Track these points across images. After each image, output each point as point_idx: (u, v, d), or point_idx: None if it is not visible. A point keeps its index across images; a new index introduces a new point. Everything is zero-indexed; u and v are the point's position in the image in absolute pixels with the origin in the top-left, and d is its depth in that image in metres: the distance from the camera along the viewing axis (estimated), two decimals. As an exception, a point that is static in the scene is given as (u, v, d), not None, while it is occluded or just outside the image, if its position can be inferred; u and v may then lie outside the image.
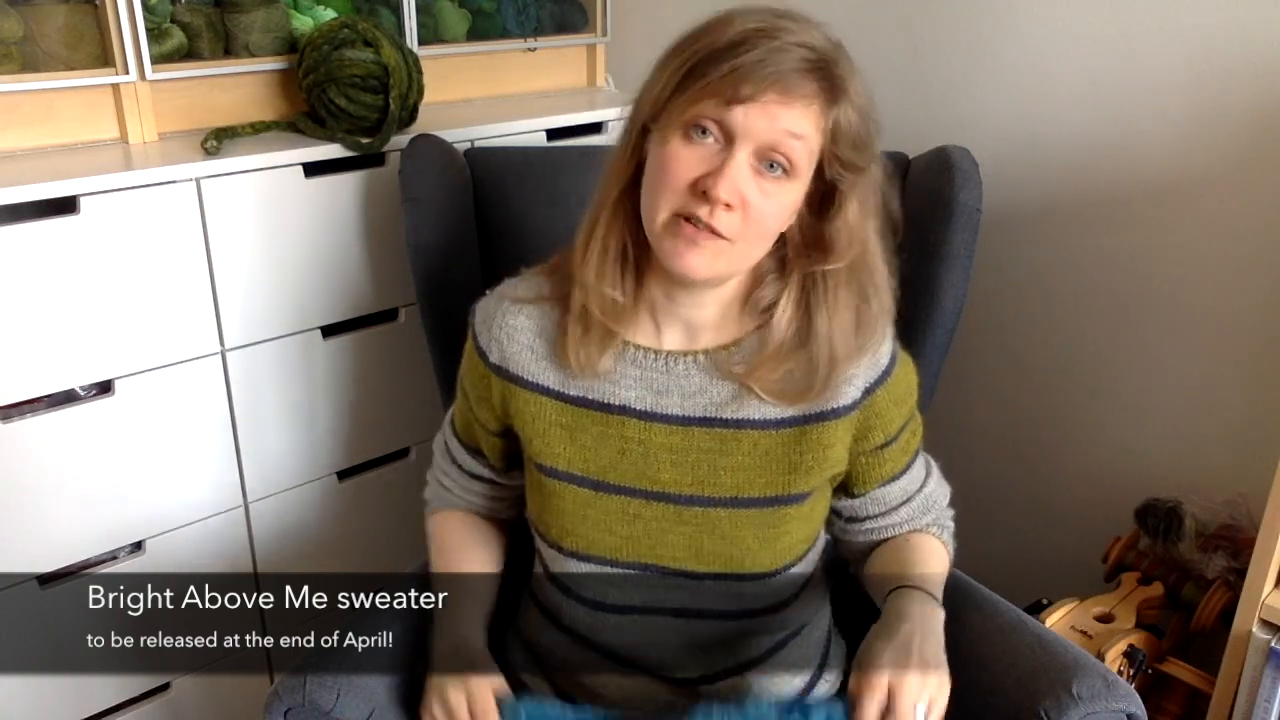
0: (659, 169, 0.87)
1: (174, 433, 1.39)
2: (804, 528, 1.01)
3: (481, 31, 1.76)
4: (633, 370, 0.97)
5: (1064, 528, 1.65)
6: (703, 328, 0.97)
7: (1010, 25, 1.51)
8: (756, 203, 0.85)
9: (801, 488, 0.98)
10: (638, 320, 0.97)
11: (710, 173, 0.84)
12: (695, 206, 0.85)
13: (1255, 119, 1.33)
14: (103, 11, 1.35)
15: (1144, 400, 1.52)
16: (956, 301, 1.27)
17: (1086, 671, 0.96)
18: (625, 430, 0.97)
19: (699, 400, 0.96)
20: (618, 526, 0.98)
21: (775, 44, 0.83)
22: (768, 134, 0.84)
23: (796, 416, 0.96)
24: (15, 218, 1.20)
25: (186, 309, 1.35)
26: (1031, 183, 1.54)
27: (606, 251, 0.93)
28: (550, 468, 0.98)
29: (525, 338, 0.99)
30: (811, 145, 0.87)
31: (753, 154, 0.85)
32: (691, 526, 0.97)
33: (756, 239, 0.89)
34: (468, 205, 1.37)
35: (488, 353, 1.00)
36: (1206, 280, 1.42)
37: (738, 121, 0.84)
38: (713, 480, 0.96)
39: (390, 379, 1.58)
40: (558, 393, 0.98)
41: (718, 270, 0.89)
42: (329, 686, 0.96)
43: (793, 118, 0.84)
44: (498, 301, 1.01)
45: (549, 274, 1.01)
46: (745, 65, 0.83)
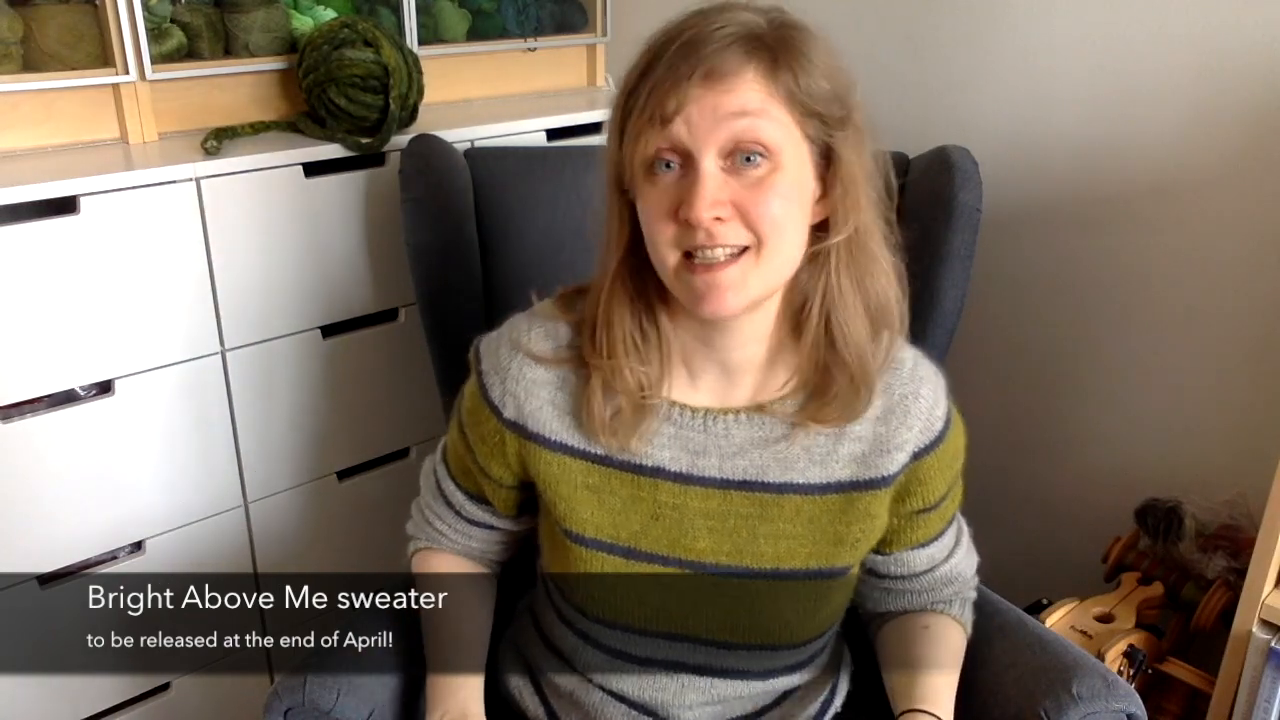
0: (645, 221, 0.81)
1: (174, 433, 1.39)
2: (845, 596, 0.96)
3: (481, 31, 1.76)
4: (667, 428, 0.89)
5: (1064, 528, 1.65)
6: (745, 372, 0.89)
7: (1010, 25, 1.51)
8: (750, 201, 0.78)
9: (847, 560, 0.92)
10: (669, 375, 0.88)
11: (684, 198, 0.78)
12: (692, 238, 0.78)
13: (1255, 119, 1.33)
14: (103, 11, 1.35)
15: (1144, 400, 1.52)
16: (956, 301, 1.27)
17: (1086, 671, 0.96)
18: (659, 494, 0.89)
19: (739, 462, 0.89)
20: (649, 597, 0.91)
21: (684, 39, 0.77)
22: (717, 129, 0.76)
23: (844, 482, 0.89)
24: (15, 218, 1.20)
25: (186, 309, 1.35)
26: (1031, 183, 1.54)
27: (613, 326, 0.86)
28: (577, 534, 0.90)
29: (546, 392, 0.89)
30: (775, 118, 0.78)
31: (719, 157, 0.77)
32: (729, 599, 0.90)
33: (776, 239, 0.79)
34: (468, 205, 1.37)
35: (501, 408, 0.91)
36: (1207, 280, 1.42)
37: (681, 136, 0.77)
38: (753, 549, 0.89)
39: (390, 379, 1.58)
40: (583, 452, 0.89)
41: (750, 295, 0.81)
42: (329, 686, 0.96)
43: (733, 104, 0.76)
44: (510, 351, 0.91)
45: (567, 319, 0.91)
46: (658, 80, 0.77)
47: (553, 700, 1.00)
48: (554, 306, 0.92)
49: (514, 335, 0.92)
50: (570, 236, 1.37)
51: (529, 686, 1.01)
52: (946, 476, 0.94)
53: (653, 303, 0.87)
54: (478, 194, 1.39)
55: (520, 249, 1.38)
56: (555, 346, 0.90)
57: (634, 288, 0.86)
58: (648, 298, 0.87)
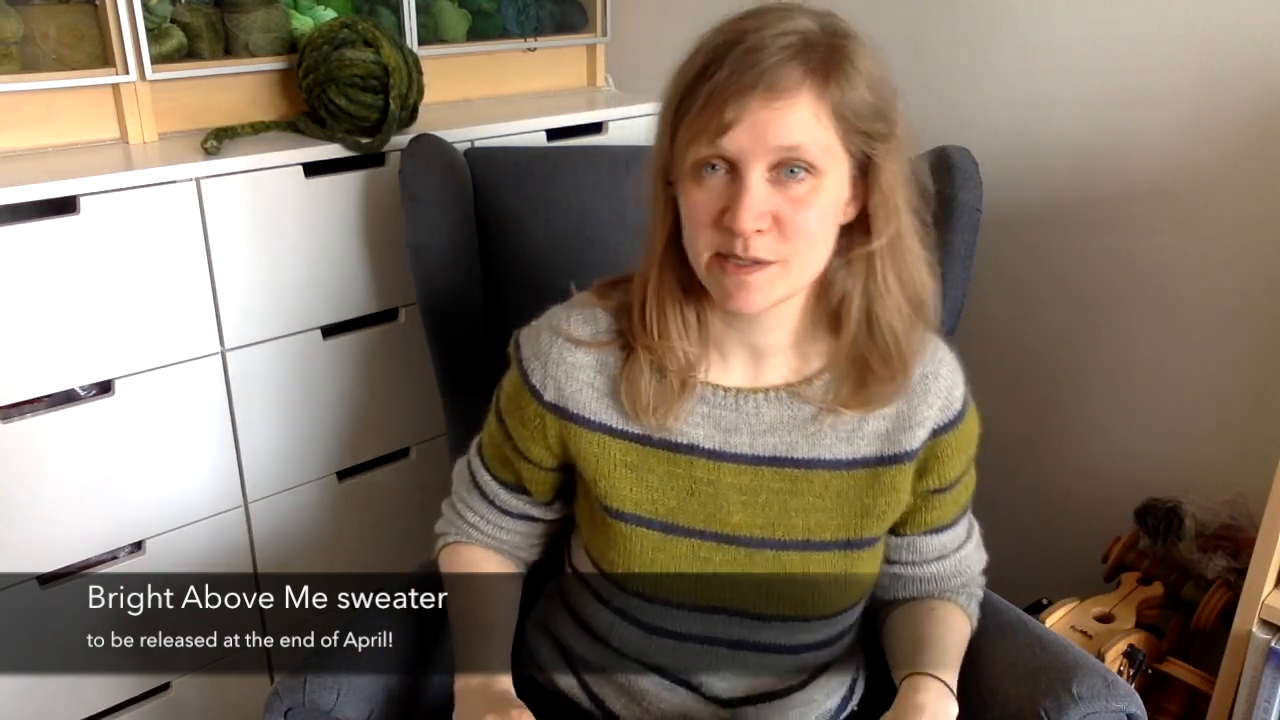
0: (686, 218, 0.85)
1: (174, 433, 1.39)
2: (873, 566, 0.98)
3: (481, 31, 1.76)
4: (701, 407, 0.93)
5: (1064, 528, 1.65)
6: (773, 354, 0.93)
7: (1010, 25, 1.51)
8: (790, 216, 0.81)
9: (874, 531, 0.95)
10: (706, 357, 0.93)
11: (728, 205, 0.81)
12: (729, 243, 0.82)
13: (1255, 119, 1.33)
14: (103, 11, 1.35)
15: (1144, 400, 1.52)
16: (956, 301, 1.27)
17: (1086, 671, 0.96)
18: (694, 470, 0.93)
19: (769, 439, 0.93)
20: (687, 570, 0.94)
21: (746, 45, 0.79)
22: (767, 148, 0.80)
23: (870, 458, 0.93)
24: (15, 218, 1.20)
25: (186, 309, 1.35)
26: (1031, 183, 1.54)
27: (664, 308, 0.90)
28: (617, 510, 0.94)
29: (585, 375, 0.93)
30: (822, 139, 0.81)
31: (766, 169, 0.81)
32: (763, 570, 0.94)
33: (806, 252, 0.84)
34: (468, 205, 1.37)
35: (542, 391, 0.94)
36: (1207, 280, 1.42)
37: (733, 148, 0.80)
38: (784, 522, 0.93)
39: (390, 379, 1.58)
40: (622, 431, 0.93)
41: (776, 297, 0.85)
42: (329, 686, 0.96)
43: (788, 123, 0.79)
44: (551, 336, 0.94)
45: (605, 305, 0.95)
46: (719, 85, 0.79)
47: (585, 674, 1.02)
48: (591, 295, 0.97)
49: (554, 322, 0.95)
50: (570, 236, 1.37)
51: (560, 660, 1.03)
52: (962, 459, 0.97)
53: (695, 289, 0.90)
54: (478, 194, 1.39)
55: (520, 249, 1.38)
56: (594, 331, 0.94)
57: (681, 273, 0.90)
58: (693, 284, 0.90)
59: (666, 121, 0.85)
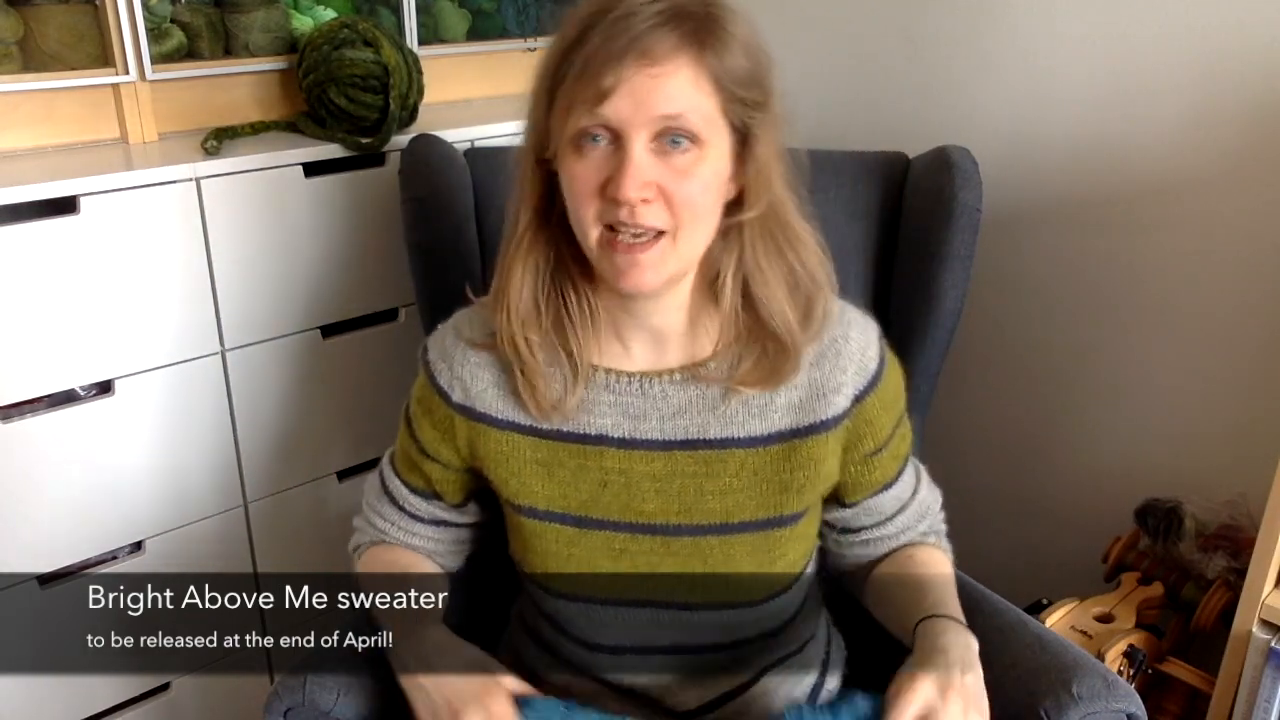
0: (569, 193, 0.83)
1: (174, 433, 1.39)
2: (800, 546, 0.97)
3: (481, 31, 1.76)
4: (606, 396, 0.91)
5: (1064, 528, 1.65)
6: (671, 335, 0.91)
7: (1010, 25, 1.51)
8: (674, 186, 0.80)
9: (795, 507, 0.94)
10: (601, 341, 0.91)
11: (612, 175, 0.79)
12: (615, 213, 0.80)
13: (1255, 119, 1.33)
14: (103, 11, 1.35)
15: (1144, 400, 1.52)
16: (956, 301, 1.27)
17: (1086, 671, 0.96)
18: (605, 461, 0.92)
19: (679, 422, 0.91)
20: (604, 563, 0.94)
21: (617, 12, 0.78)
22: (649, 116, 0.78)
23: (784, 431, 0.91)
24: (15, 218, 1.20)
25: (186, 309, 1.35)
26: (1031, 183, 1.54)
27: (521, 287, 0.88)
28: (529, 507, 0.94)
29: (489, 374, 0.93)
30: (704, 107, 0.80)
31: (649, 138, 0.79)
32: (681, 557, 0.93)
33: (692, 224, 0.82)
34: (468, 205, 1.37)
35: (449, 392, 0.94)
36: (1207, 280, 1.42)
37: (614, 116, 0.78)
38: (700, 506, 0.92)
39: (390, 379, 1.58)
40: (529, 428, 0.92)
41: (668, 273, 0.84)
42: (329, 686, 0.96)
43: (668, 91, 0.78)
44: (454, 339, 0.95)
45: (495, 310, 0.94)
46: (593, 52, 0.78)
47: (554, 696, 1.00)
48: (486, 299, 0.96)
49: (457, 324, 0.96)
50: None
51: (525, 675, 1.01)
52: (892, 414, 0.96)
53: (571, 271, 0.89)
54: (478, 194, 1.39)
55: (520, 249, 1.38)
56: (486, 336, 0.93)
57: (544, 255, 0.88)
58: (565, 266, 0.89)
59: (541, 94, 0.84)
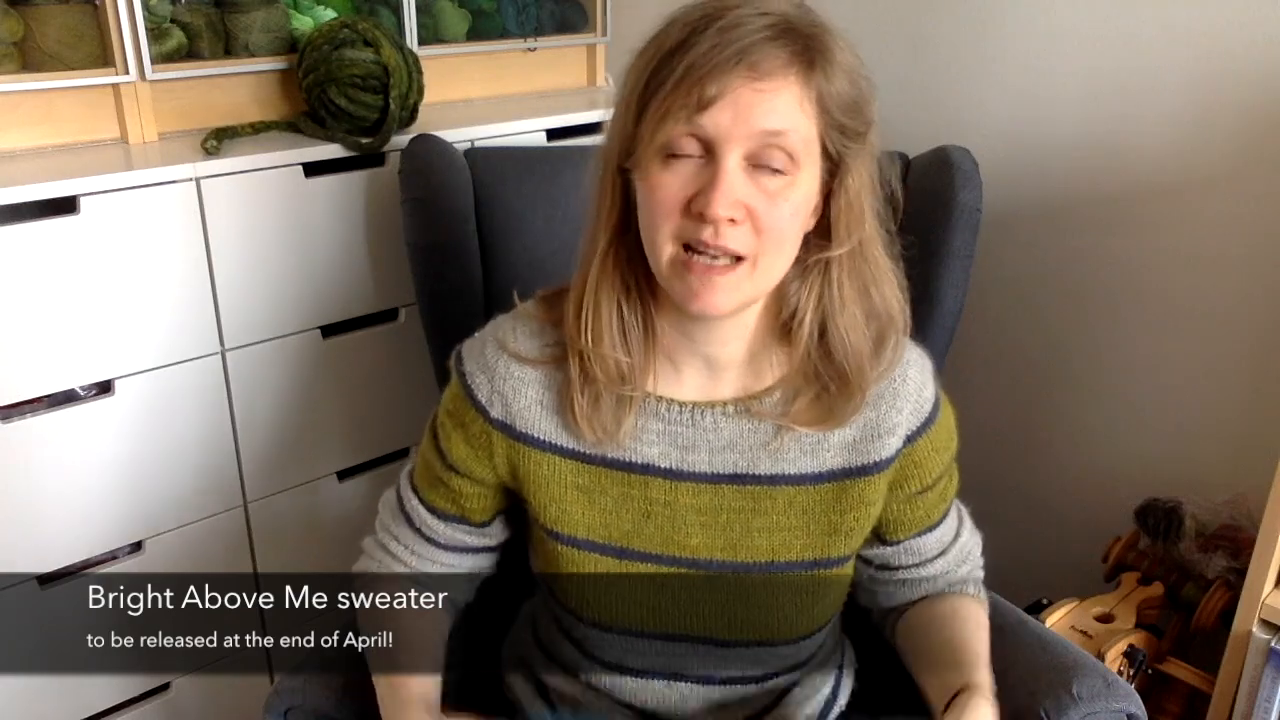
0: (647, 206, 0.78)
1: (174, 433, 1.39)
2: (842, 587, 0.95)
3: (481, 31, 1.76)
4: (655, 424, 0.87)
5: (1064, 528, 1.65)
6: (728, 367, 0.87)
7: (1010, 25, 1.51)
8: (763, 210, 0.76)
9: (843, 550, 0.90)
10: (654, 367, 0.86)
11: (701, 190, 0.75)
12: (697, 232, 0.76)
13: (1255, 119, 1.33)
14: (103, 11, 1.35)
15: (1144, 400, 1.52)
16: (956, 301, 1.27)
17: (1086, 671, 0.96)
18: (650, 491, 0.88)
19: (729, 455, 0.87)
20: (644, 597, 0.89)
21: (725, 21, 0.74)
22: (750, 131, 0.74)
23: (836, 470, 0.88)
24: (15, 218, 1.20)
25: (186, 309, 1.35)
26: (1031, 183, 1.54)
27: (600, 310, 0.83)
28: (569, 535, 0.89)
29: (533, 391, 0.88)
30: (804, 129, 0.76)
31: (743, 156, 0.75)
32: (724, 595, 0.89)
33: (775, 251, 0.78)
34: (468, 205, 1.37)
35: (489, 407, 0.88)
36: (1206, 279, 1.42)
37: (713, 127, 0.74)
38: (746, 544, 0.88)
39: (390, 379, 1.58)
40: (573, 451, 0.88)
41: (741, 300, 0.80)
42: (329, 686, 0.96)
43: (773, 108, 0.74)
44: (496, 351, 0.89)
45: (550, 318, 0.89)
46: (700, 57, 0.73)
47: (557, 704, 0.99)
48: (536, 306, 0.91)
49: (499, 335, 0.90)
50: (570, 236, 1.36)
51: (532, 690, 1.01)
52: (943, 458, 0.93)
53: (642, 292, 0.85)
54: (478, 194, 1.39)
55: (520, 249, 1.38)
56: (541, 345, 0.88)
57: (624, 273, 0.84)
58: (638, 285, 0.84)
59: (632, 99, 0.78)
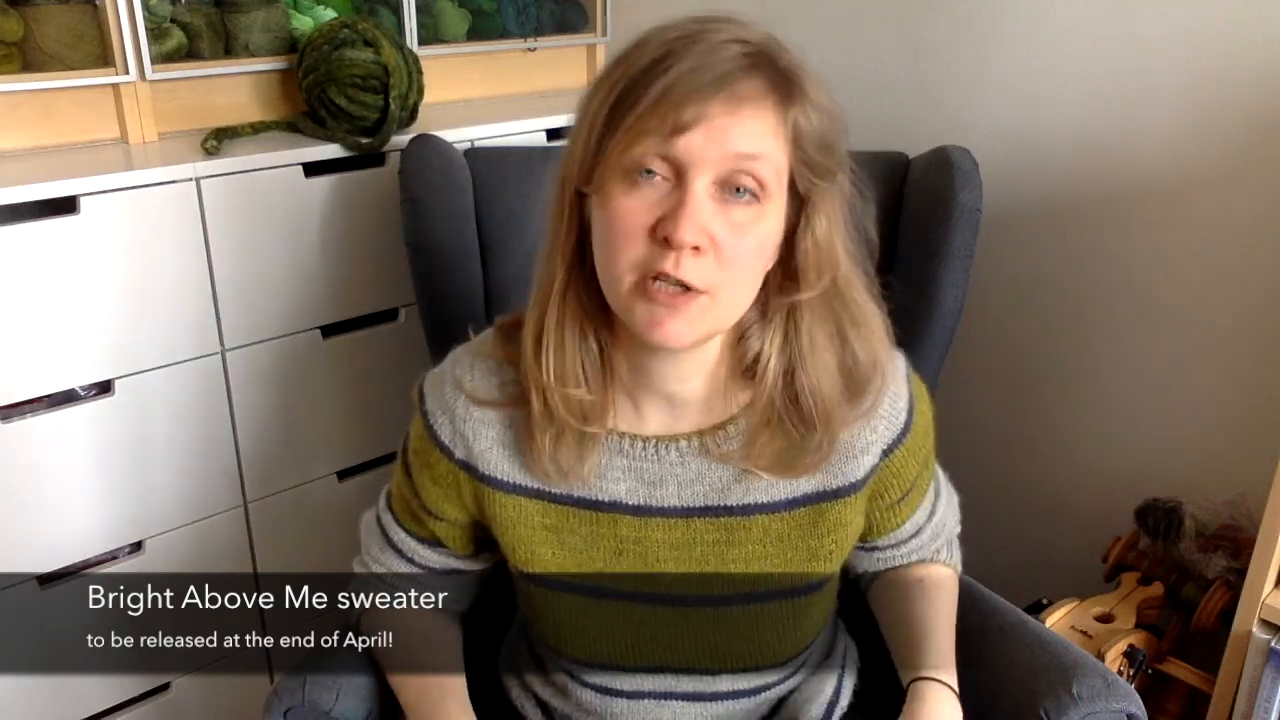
0: (607, 230, 0.73)
1: (174, 433, 1.39)
2: (824, 606, 0.94)
3: (481, 31, 1.76)
4: (619, 460, 0.85)
5: (1064, 528, 1.65)
6: (688, 403, 0.84)
7: (1010, 25, 1.51)
8: (728, 241, 0.72)
9: (823, 572, 0.88)
10: (613, 404, 0.83)
11: (666, 215, 0.71)
12: (659, 260, 0.71)
13: (1255, 119, 1.33)
14: (103, 11, 1.35)
15: (1144, 400, 1.52)
16: (956, 301, 1.27)
17: (1086, 671, 0.96)
18: (619, 529, 0.86)
19: (698, 488, 0.85)
20: (620, 634, 0.88)
21: (703, 46, 0.71)
22: (722, 154, 0.71)
23: (810, 494, 0.85)
24: (15, 218, 1.20)
25: (186, 309, 1.35)
26: (1031, 183, 1.54)
27: (563, 347, 0.79)
28: (540, 575, 0.87)
29: (494, 432, 0.85)
30: (776, 159, 0.74)
31: (712, 182, 0.72)
32: (703, 628, 0.88)
33: (738, 285, 0.75)
34: (468, 205, 1.37)
35: (452, 449, 0.87)
36: (1206, 280, 1.42)
37: (685, 152, 0.70)
38: (722, 576, 0.86)
39: (390, 379, 1.58)
40: (538, 491, 0.86)
41: (703, 332, 0.76)
42: (329, 686, 0.96)
43: (747, 132, 0.71)
44: (454, 391, 0.86)
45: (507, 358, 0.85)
46: (677, 81, 0.70)
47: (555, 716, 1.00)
48: (495, 341, 0.87)
49: (457, 374, 0.87)
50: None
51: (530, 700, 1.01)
52: (918, 459, 0.90)
53: (598, 326, 0.81)
54: (478, 194, 1.39)
55: (520, 249, 1.38)
56: (499, 384, 0.86)
57: (584, 305, 0.80)
58: (594, 319, 0.80)
59: (598, 120, 0.73)
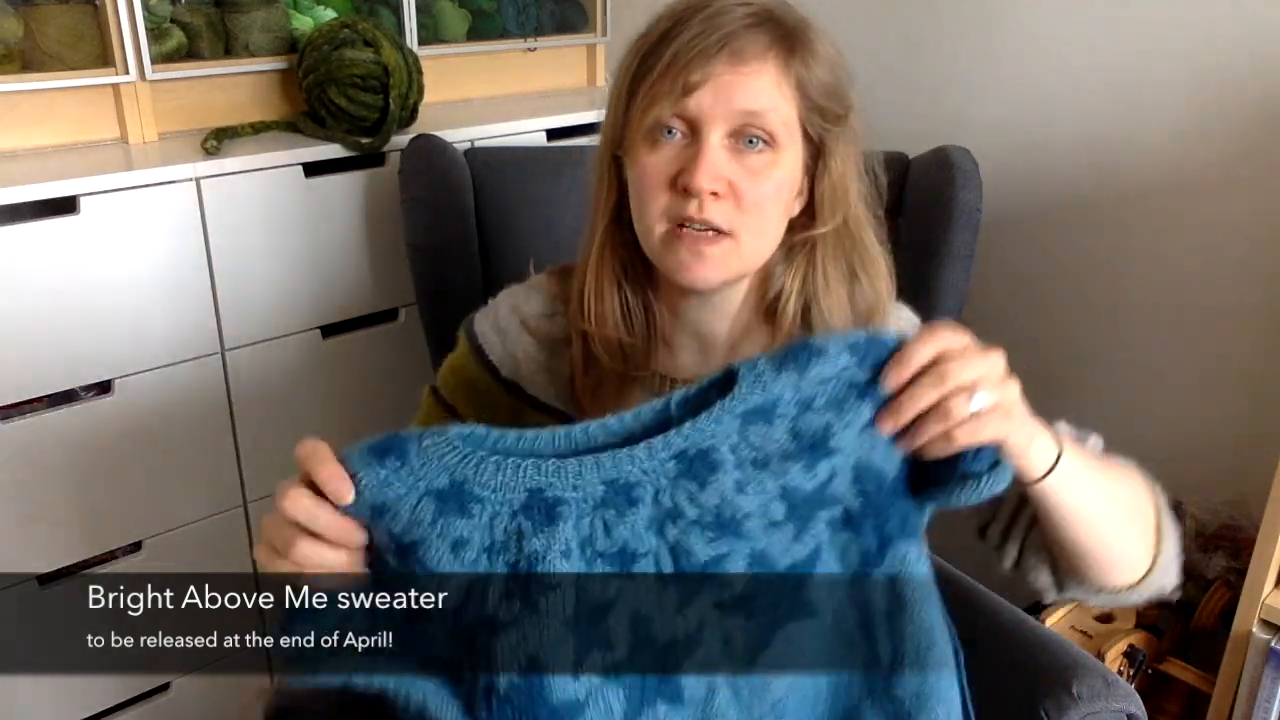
0: (638, 185, 0.82)
1: (174, 433, 1.39)
2: None
3: (481, 31, 1.76)
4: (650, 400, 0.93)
5: (1064, 528, 1.65)
6: (717, 346, 0.90)
7: (1010, 25, 1.51)
8: (745, 185, 0.79)
9: None
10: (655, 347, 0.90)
11: (685, 166, 0.79)
12: (683, 206, 0.79)
13: (1255, 119, 1.33)
14: (103, 11, 1.35)
15: (1144, 400, 1.52)
16: (956, 301, 1.27)
17: (1086, 671, 0.96)
18: None
19: None
20: None
21: (708, 11, 0.79)
22: (730, 111, 0.78)
23: None
24: (15, 218, 1.20)
25: (186, 309, 1.35)
26: (1031, 183, 1.54)
27: (602, 295, 0.87)
28: None
29: (542, 357, 0.91)
30: (784, 111, 0.80)
31: (725, 135, 0.79)
32: None
33: (759, 227, 0.82)
34: (468, 205, 1.37)
35: (499, 367, 0.92)
36: (1206, 280, 1.42)
37: (696, 109, 0.78)
38: None
39: (390, 379, 1.58)
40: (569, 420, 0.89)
41: (731, 273, 0.83)
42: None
43: (753, 88, 0.78)
44: (509, 315, 0.93)
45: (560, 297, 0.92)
46: (684, 45, 0.78)
47: None
48: (549, 280, 0.94)
49: (514, 301, 0.94)
50: (570, 236, 1.37)
51: None
52: None
53: (640, 276, 0.88)
54: (478, 194, 1.39)
55: (520, 249, 1.38)
56: (551, 314, 0.92)
57: (623, 258, 0.87)
58: (635, 270, 0.87)
59: (622, 88, 0.83)
